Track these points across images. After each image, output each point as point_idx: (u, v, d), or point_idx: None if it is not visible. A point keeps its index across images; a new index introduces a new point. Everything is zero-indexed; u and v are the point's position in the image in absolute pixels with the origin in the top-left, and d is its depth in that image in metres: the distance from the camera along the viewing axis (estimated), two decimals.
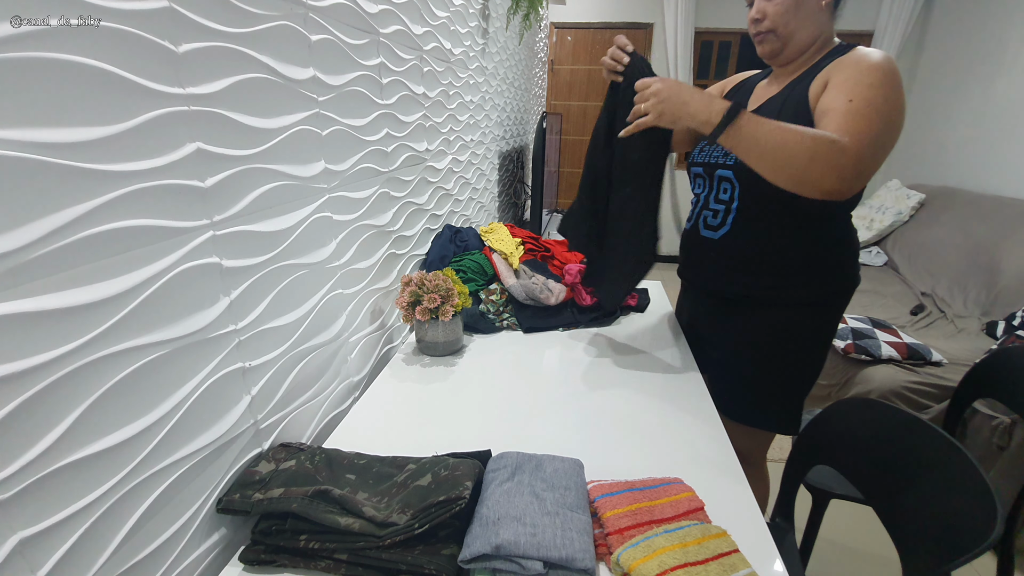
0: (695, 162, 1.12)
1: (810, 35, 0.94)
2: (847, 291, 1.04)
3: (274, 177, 0.69)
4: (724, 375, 1.11)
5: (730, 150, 0.88)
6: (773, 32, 0.94)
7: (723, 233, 1.05)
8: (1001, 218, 2.60)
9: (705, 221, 1.08)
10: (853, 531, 1.66)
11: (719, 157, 1.03)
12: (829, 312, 1.05)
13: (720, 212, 1.05)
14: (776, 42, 0.95)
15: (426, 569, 0.56)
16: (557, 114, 2.83)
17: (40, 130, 0.39)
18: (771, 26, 0.94)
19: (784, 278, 1.01)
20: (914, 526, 0.74)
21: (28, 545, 0.40)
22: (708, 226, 1.08)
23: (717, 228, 1.06)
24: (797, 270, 1.00)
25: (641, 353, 1.15)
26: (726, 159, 1.01)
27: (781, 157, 0.82)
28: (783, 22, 0.92)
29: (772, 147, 0.83)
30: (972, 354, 1.97)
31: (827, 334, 1.06)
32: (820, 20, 0.93)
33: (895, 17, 3.58)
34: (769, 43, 0.96)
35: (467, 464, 0.66)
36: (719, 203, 1.05)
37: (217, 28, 0.57)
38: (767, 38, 0.96)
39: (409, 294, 1.05)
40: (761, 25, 0.95)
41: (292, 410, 0.78)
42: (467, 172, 1.77)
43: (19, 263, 0.39)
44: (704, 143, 1.09)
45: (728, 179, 1.01)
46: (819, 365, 1.08)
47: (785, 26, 0.93)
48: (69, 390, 0.43)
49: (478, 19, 1.75)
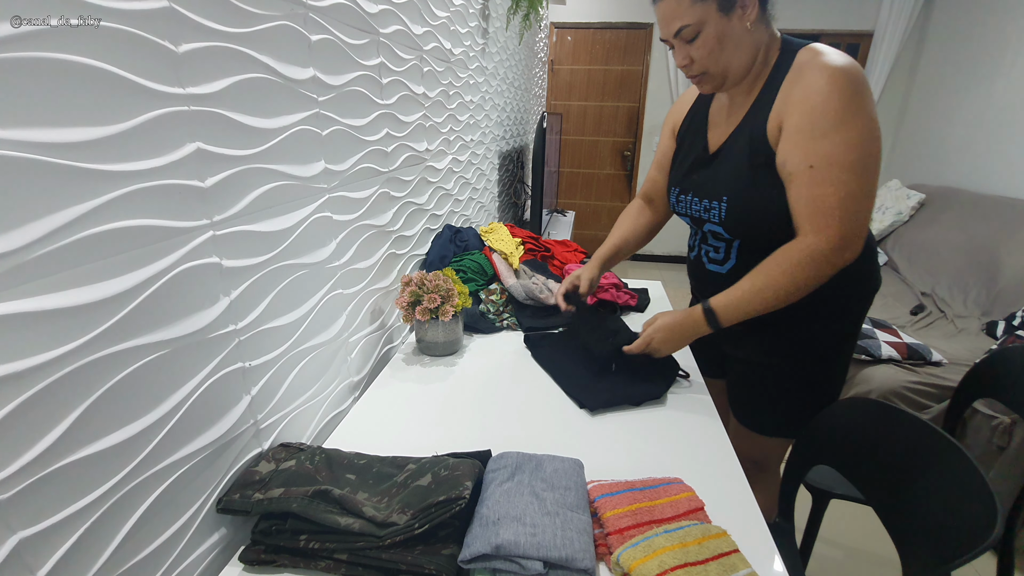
0: (678, 211, 1.08)
1: (747, 58, 0.87)
2: (868, 295, 1.00)
3: (274, 177, 0.69)
4: (744, 387, 1.07)
5: (737, 322, 0.90)
6: (707, 73, 0.88)
7: (730, 267, 0.99)
8: (1001, 218, 2.60)
9: (707, 256, 1.04)
10: (853, 531, 1.66)
11: (702, 212, 0.98)
12: (851, 318, 0.99)
13: (721, 248, 1.01)
14: (713, 80, 0.89)
15: (426, 569, 0.56)
16: (557, 114, 2.83)
17: (40, 130, 0.39)
18: (701, 69, 0.87)
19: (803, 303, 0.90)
20: (914, 526, 0.74)
21: (28, 545, 0.41)
22: (712, 260, 1.03)
23: (722, 262, 1.01)
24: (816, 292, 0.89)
25: None
26: (709, 215, 0.97)
27: (774, 302, 0.86)
28: (712, 62, 0.86)
29: (760, 303, 0.87)
30: (972, 354, 1.97)
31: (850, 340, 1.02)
32: (753, 38, 0.85)
33: (895, 17, 3.58)
34: (707, 82, 0.90)
35: (467, 464, 0.66)
36: (718, 241, 1.00)
37: (217, 28, 0.57)
38: (703, 79, 0.90)
39: (409, 294, 1.05)
40: (692, 69, 0.89)
41: (292, 410, 0.78)
42: (467, 172, 1.77)
43: (19, 263, 0.39)
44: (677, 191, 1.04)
45: (719, 233, 0.98)
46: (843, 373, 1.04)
47: (716, 64, 0.86)
48: (69, 390, 0.43)
49: (478, 19, 1.75)
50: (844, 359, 1.02)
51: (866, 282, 0.98)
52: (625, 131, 4.38)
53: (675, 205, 1.07)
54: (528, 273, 1.41)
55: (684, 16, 0.83)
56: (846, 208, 0.79)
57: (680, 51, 0.88)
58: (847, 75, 0.78)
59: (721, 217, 0.94)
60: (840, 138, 0.78)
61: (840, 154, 0.78)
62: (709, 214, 0.96)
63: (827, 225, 0.80)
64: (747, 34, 0.84)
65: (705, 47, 0.84)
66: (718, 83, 0.90)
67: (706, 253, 1.04)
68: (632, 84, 4.26)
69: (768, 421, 1.06)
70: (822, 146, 0.79)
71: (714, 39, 0.83)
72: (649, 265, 4.59)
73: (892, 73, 3.76)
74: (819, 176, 0.79)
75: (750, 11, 0.83)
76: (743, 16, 0.83)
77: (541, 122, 2.18)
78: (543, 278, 1.38)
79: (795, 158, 0.81)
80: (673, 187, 1.06)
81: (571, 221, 3.37)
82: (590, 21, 4.12)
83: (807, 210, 0.81)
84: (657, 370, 1.01)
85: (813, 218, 0.81)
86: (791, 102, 0.82)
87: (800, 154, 0.81)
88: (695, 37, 0.84)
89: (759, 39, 0.86)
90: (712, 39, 0.83)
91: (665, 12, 0.85)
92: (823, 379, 1.02)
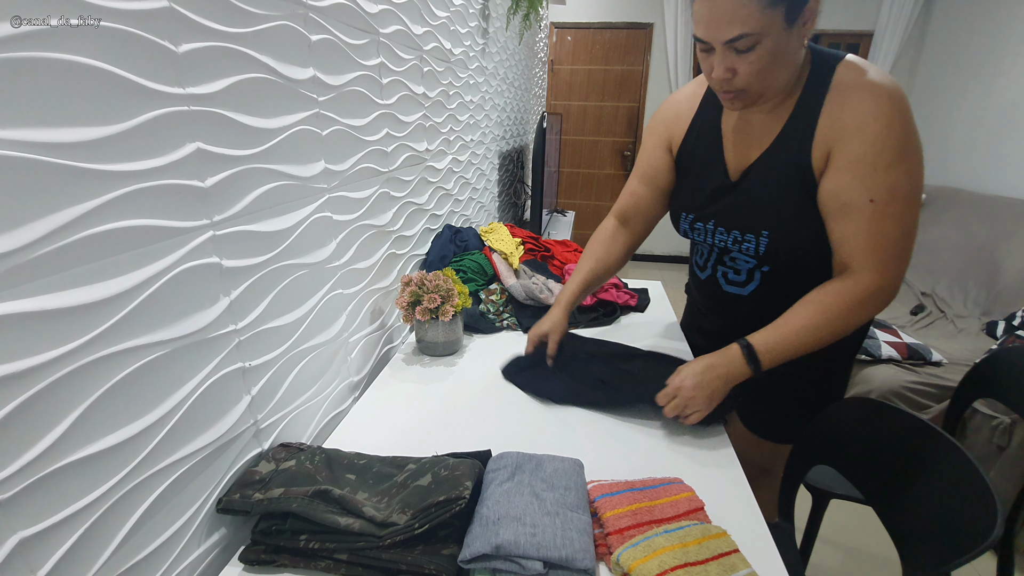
0: (691, 237, 1.00)
1: (791, 77, 0.78)
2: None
3: (274, 177, 0.69)
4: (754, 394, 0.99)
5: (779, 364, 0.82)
6: (746, 90, 0.77)
7: (753, 288, 0.93)
8: (1001, 218, 2.60)
9: (726, 277, 0.96)
10: (853, 531, 1.66)
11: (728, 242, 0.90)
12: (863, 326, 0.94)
13: (743, 271, 0.93)
14: (750, 98, 0.79)
15: (426, 569, 0.56)
16: (557, 114, 2.83)
17: (40, 130, 0.39)
18: (743, 85, 0.76)
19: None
20: (914, 526, 0.74)
21: (28, 545, 0.40)
22: (731, 282, 0.96)
23: (744, 284, 0.94)
24: None
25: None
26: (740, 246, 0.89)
27: (827, 341, 0.79)
28: (759, 79, 0.75)
29: (814, 344, 0.79)
30: (972, 354, 1.97)
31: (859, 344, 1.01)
32: (800, 55, 0.77)
33: (895, 17, 3.58)
34: (741, 100, 0.79)
35: (467, 464, 0.66)
36: (742, 264, 0.93)
37: (217, 28, 0.57)
38: (738, 96, 0.78)
39: (409, 294, 1.05)
40: (732, 83, 0.76)
41: (292, 410, 0.78)
42: (467, 172, 1.77)
43: (19, 263, 0.38)
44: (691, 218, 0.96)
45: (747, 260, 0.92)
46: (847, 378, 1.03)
47: (762, 81, 0.75)
48: (69, 390, 0.43)
49: (478, 19, 1.75)
50: (851, 362, 1.02)
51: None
52: (625, 131, 4.39)
53: (687, 232, 0.99)
54: (528, 273, 1.41)
55: (748, 22, 0.69)
56: (906, 245, 0.75)
57: (724, 61, 0.74)
58: (902, 100, 0.73)
59: (759, 251, 0.87)
60: (903, 169, 0.73)
61: (902, 186, 0.73)
62: (740, 246, 0.89)
63: (889, 262, 0.75)
64: (799, 50, 0.75)
65: (759, 61, 0.72)
66: (752, 101, 0.79)
67: (723, 275, 0.96)
68: (632, 84, 4.26)
69: (778, 428, 1.04)
70: (886, 179, 0.73)
71: (770, 53, 0.72)
72: (649, 265, 4.59)
73: (892, 73, 3.75)
74: (881, 211, 0.73)
75: (810, 24, 0.72)
76: (803, 30, 0.72)
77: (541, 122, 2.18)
78: (543, 278, 1.38)
79: (855, 191, 0.74)
80: (684, 212, 0.98)
81: (571, 221, 3.36)
82: (590, 21, 4.12)
83: (867, 246, 0.76)
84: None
85: (874, 254, 0.75)
86: (844, 129, 0.74)
87: (861, 187, 0.74)
88: (751, 48, 0.71)
89: (803, 51, 0.77)
90: (768, 53, 0.72)
91: (721, 13, 0.70)
92: (834, 384, 1.00)
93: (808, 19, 0.72)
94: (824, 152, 0.77)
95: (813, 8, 0.71)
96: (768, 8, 0.68)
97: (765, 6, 0.68)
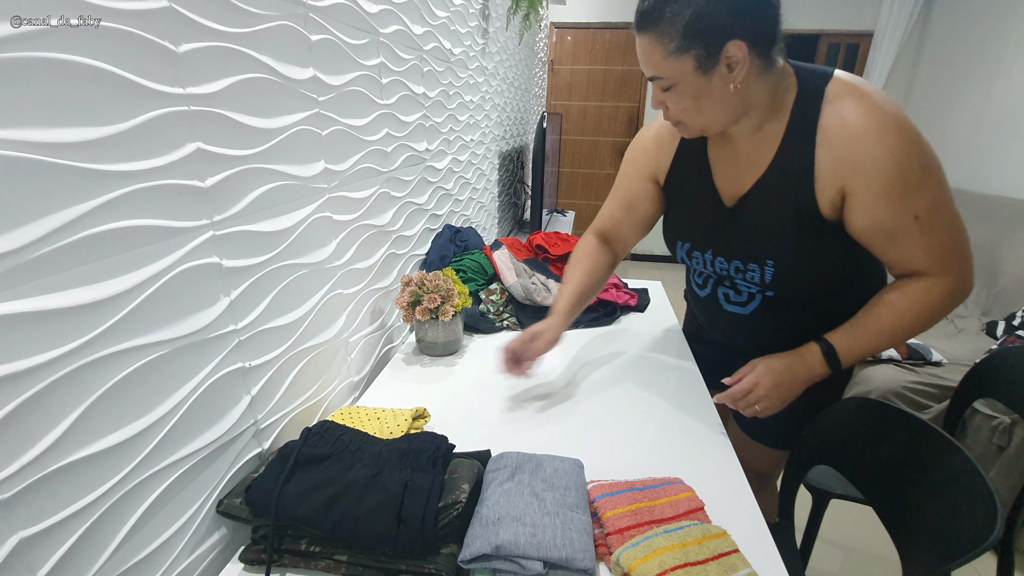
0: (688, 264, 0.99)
1: (731, 115, 0.77)
2: None
3: (274, 177, 0.69)
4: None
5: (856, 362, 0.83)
6: (682, 123, 0.80)
7: (754, 308, 0.92)
8: (1001, 218, 2.60)
9: (727, 297, 0.95)
10: (853, 531, 1.66)
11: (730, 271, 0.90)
12: None
13: (745, 292, 0.92)
14: (690, 131, 0.81)
15: (426, 569, 0.56)
16: (557, 114, 2.83)
17: (40, 130, 0.39)
18: (676, 119, 0.79)
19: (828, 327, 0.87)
20: (914, 526, 0.74)
21: (28, 545, 0.40)
22: (731, 302, 0.95)
23: (745, 304, 0.93)
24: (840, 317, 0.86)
25: (641, 353, 1.15)
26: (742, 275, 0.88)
27: (900, 341, 0.80)
28: (688, 117, 0.77)
29: (889, 344, 0.80)
30: (972, 354, 1.97)
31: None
32: (741, 98, 0.75)
33: (895, 17, 3.58)
34: (685, 131, 0.82)
35: (466, 465, 0.66)
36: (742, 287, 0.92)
37: (217, 28, 0.57)
38: (680, 127, 0.81)
39: (409, 294, 1.05)
40: (667, 116, 0.80)
41: (292, 410, 0.78)
42: (467, 172, 1.77)
43: (19, 263, 0.39)
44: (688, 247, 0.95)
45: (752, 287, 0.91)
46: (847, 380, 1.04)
47: (692, 120, 0.78)
48: (69, 390, 0.43)
49: (478, 19, 1.75)
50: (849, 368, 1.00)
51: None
52: (625, 131, 4.38)
53: (684, 259, 0.98)
54: (528, 273, 1.41)
55: (657, 67, 0.73)
56: (964, 243, 0.77)
57: (656, 95, 0.79)
58: (904, 120, 0.72)
59: (764, 280, 0.86)
60: (933, 182, 0.73)
61: (938, 196, 0.74)
62: (744, 275, 0.89)
63: (956, 264, 0.76)
64: (732, 95, 0.73)
65: (680, 101, 0.75)
66: (697, 133, 0.82)
67: (724, 296, 0.96)
68: (632, 84, 4.26)
69: (777, 434, 1.03)
70: (922, 197, 0.73)
71: (690, 96, 0.74)
72: (649, 265, 4.59)
73: (892, 73, 3.76)
74: (928, 224, 0.74)
75: (737, 73, 0.71)
76: (728, 77, 0.71)
77: (541, 122, 2.18)
78: (543, 277, 1.38)
79: (896, 216, 0.74)
80: (680, 242, 0.97)
81: (571, 221, 3.36)
82: (590, 21, 4.12)
83: (931, 258, 0.76)
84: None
85: (942, 262, 0.76)
86: (858, 166, 0.73)
87: (902, 210, 0.74)
88: (669, 88, 0.75)
89: (752, 95, 0.75)
90: (687, 96, 0.74)
91: (640, 53, 0.75)
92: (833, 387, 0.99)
93: (733, 65, 0.70)
94: (836, 189, 0.76)
95: (736, 56, 0.69)
96: (671, 58, 0.71)
97: (668, 55, 0.71)
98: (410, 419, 0.79)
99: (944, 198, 0.74)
